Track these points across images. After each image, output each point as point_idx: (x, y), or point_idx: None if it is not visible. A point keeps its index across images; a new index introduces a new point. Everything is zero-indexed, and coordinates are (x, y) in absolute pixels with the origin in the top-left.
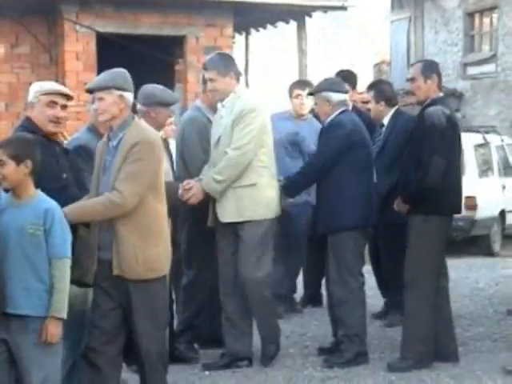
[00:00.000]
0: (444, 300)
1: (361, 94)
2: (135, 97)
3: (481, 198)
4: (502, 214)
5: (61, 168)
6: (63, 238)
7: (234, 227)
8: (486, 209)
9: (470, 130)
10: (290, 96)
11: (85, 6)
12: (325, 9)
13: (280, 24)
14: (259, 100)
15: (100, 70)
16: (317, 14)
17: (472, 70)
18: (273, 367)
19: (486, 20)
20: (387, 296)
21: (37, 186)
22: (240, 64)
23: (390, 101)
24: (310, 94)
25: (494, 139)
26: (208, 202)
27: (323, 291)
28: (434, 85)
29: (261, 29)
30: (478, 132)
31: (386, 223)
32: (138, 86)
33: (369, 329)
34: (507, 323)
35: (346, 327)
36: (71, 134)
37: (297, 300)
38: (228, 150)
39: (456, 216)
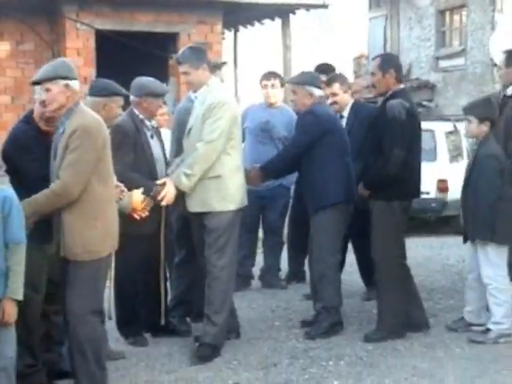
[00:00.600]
0: (408, 275)
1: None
2: (129, 89)
3: (452, 181)
4: None
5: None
6: (20, 225)
7: (201, 217)
8: (457, 191)
9: (441, 118)
10: (261, 87)
11: (84, 5)
12: (307, 7)
13: (266, 21)
14: (229, 94)
15: (99, 65)
16: (300, 12)
17: (443, 63)
18: (259, 339)
19: (456, 17)
20: (364, 273)
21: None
22: (229, 58)
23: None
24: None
25: (463, 127)
26: None
27: (306, 268)
28: (393, 78)
29: (248, 26)
30: (449, 120)
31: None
32: (134, 79)
33: (348, 302)
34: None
35: (324, 300)
36: None
37: (282, 277)
38: (198, 144)
39: (429, 197)
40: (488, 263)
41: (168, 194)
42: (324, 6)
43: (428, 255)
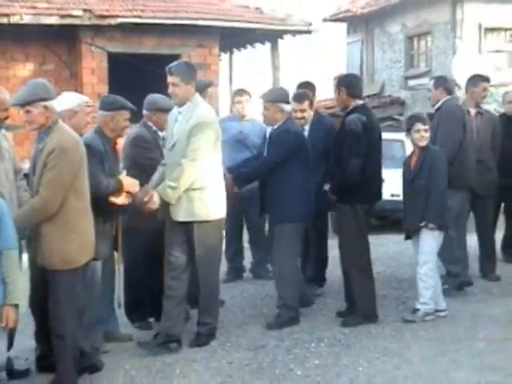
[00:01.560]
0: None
1: (325, 101)
2: (142, 104)
3: None
4: None
5: None
6: (12, 231)
7: (186, 225)
8: None
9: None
10: (232, 102)
11: (98, 31)
12: (293, 32)
13: (257, 45)
14: (213, 112)
15: (111, 83)
16: (287, 37)
17: (412, 83)
18: (249, 324)
19: (423, 43)
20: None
21: None
22: (225, 77)
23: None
24: (268, 101)
25: None
26: None
27: None
28: (345, 95)
29: (242, 49)
30: None
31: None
32: (141, 94)
33: (330, 291)
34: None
35: (284, 298)
36: None
37: (270, 269)
38: (183, 160)
39: (399, 199)
40: (420, 251)
41: (151, 204)
42: (308, 32)
43: (398, 250)
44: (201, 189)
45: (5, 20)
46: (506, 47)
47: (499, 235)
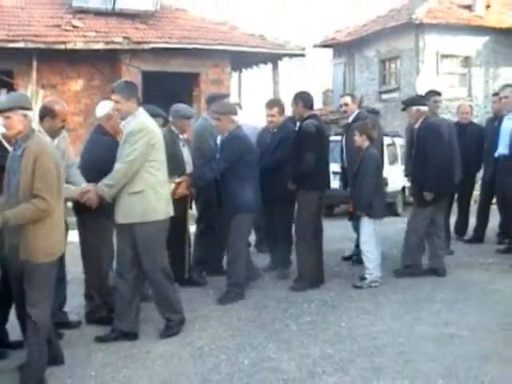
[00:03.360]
0: (319, 243)
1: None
2: (169, 112)
3: (390, 178)
4: (403, 189)
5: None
6: None
7: (129, 227)
8: (394, 185)
9: (384, 135)
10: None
11: (134, 54)
12: (290, 55)
13: (261, 65)
14: (148, 122)
15: (144, 95)
16: (285, 59)
17: (384, 96)
18: (253, 288)
19: (393, 65)
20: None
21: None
22: (235, 91)
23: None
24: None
25: (398, 141)
26: (210, 189)
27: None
28: (301, 107)
29: (249, 68)
30: (388, 136)
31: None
32: (169, 105)
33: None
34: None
35: (234, 277)
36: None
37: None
38: (117, 163)
39: None
40: (365, 231)
41: (89, 201)
42: (302, 55)
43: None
44: (140, 192)
45: (62, 46)
46: (458, 70)
47: (453, 219)
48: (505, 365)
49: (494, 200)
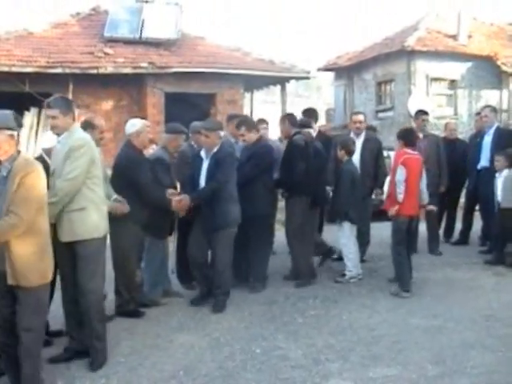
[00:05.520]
0: (311, 241)
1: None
2: (188, 129)
3: (387, 186)
4: None
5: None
6: None
7: (71, 246)
8: None
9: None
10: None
11: (158, 78)
12: (297, 78)
13: (271, 87)
14: (88, 137)
15: (167, 114)
16: (292, 81)
17: (380, 115)
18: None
19: (388, 87)
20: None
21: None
22: (248, 110)
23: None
24: (208, 130)
25: (392, 154)
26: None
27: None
28: (287, 126)
29: (260, 89)
30: (384, 150)
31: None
32: (188, 122)
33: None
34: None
35: (223, 287)
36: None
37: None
38: (58, 181)
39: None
40: (344, 235)
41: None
42: (307, 78)
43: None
44: (81, 209)
45: (95, 71)
46: (446, 92)
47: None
48: (486, 352)
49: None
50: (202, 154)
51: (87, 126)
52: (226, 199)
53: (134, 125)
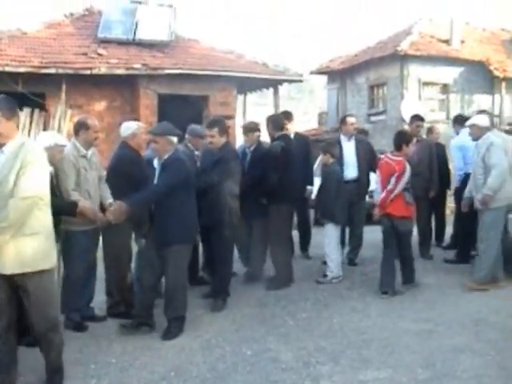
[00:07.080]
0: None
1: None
2: (181, 129)
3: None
4: None
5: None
6: None
7: (16, 278)
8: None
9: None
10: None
11: (151, 79)
12: (289, 81)
13: (264, 90)
14: (42, 151)
15: (159, 115)
16: (285, 84)
17: (373, 118)
18: (253, 289)
19: (380, 90)
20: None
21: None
22: (240, 112)
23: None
24: (156, 135)
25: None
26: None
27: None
28: (271, 129)
29: (253, 92)
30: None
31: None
32: (182, 125)
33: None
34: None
35: (177, 311)
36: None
37: None
38: (12, 200)
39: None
40: (327, 235)
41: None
42: (300, 81)
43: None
44: (32, 234)
45: (88, 72)
46: (437, 96)
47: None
48: (476, 356)
49: None
50: (155, 162)
51: (80, 126)
52: (178, 211)
53: (128, 128)
